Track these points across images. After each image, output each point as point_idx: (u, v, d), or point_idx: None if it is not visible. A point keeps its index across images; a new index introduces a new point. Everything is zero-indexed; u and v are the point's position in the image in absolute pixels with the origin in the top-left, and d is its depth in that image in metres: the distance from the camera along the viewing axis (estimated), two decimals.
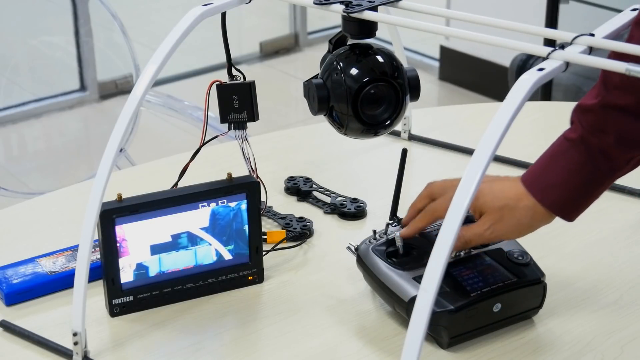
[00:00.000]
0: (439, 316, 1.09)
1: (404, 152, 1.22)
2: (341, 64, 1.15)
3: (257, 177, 1.28)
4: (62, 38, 2.94)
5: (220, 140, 1.36)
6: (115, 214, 1.15)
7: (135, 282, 1.18)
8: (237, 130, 1.29)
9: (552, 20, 2.81)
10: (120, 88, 2.92)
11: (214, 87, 1.28)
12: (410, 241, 1.18)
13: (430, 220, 1.16)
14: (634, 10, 1.04)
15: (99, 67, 3.16)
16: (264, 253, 1.25)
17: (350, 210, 1.41)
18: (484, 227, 1.11)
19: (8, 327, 1.17)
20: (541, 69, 0.90)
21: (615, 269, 1.28)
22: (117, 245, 1.16)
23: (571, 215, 1.11)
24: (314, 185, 1.48)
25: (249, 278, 1.24)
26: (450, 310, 1.10)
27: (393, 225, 1.21)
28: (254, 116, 1.29)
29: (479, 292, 1.12)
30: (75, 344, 1.09)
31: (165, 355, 1.13)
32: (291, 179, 1.50)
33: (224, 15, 1.24)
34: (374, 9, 1.09)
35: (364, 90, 1.14)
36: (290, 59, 4.26)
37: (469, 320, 1.12)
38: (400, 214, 1.22)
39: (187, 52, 3.30)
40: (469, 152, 1.57)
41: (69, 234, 1.34)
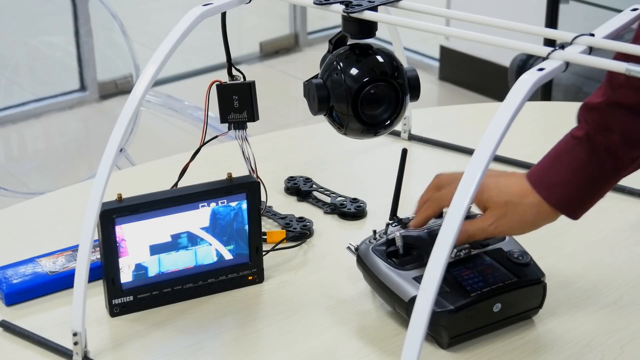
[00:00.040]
0: (439, 316, 1.09)
1: (404, 152, 1.22)
2: (341, 64, 1.15)
3: (257, 177, 1.28)
4: (62, 38, 2.94)
5: (220, 140, 1.36)
6: (115, 214, 1.15)
7: (135, 282, 1.18)
8: (237, 130, 1.29)
9: (552, 20, 2.81)
10: (120, 88, 2.92)
11: (214, 87, 1.28)
12: (410, 241, 1.18)
13: (436, 210, 1.16)
14: (634, 10, 1.04)
15: (99, 67, 3.16)
16: (264, 253, 1.25)
17: (350, 210, 1.41)
18: (488, 222, 1.11)
19: (8, 327, 1.17)
20: (541, 69, 0.90)
21: (615, 269, 1.28)
22: (117, 245, 1.16)
23: (576, 214, 1.11)
24: (314, 185, 1.48)
25: (249, 278, 1.24)
26: (450, 310, 1.10)
27: (393, 225, 1.21)
28: (254, 116, 1.29)
29: (479, 292, 1.12)
30: (75, 344, 1.09)
31: (165, 355, 1.13)
32: (291, 179, 1.50)
33: (224, 15, 1.24)
34: (374, 9, 1.09)
35: (364, 90, 1.14)
36: (290, 59, 4.26)
37: (469, 320, 1.12)
38: (400, 214, 1.22)
39: (187, 52, 3.30)
40: (469, 152, 1.57)
41: (69, 234, 1.34)
